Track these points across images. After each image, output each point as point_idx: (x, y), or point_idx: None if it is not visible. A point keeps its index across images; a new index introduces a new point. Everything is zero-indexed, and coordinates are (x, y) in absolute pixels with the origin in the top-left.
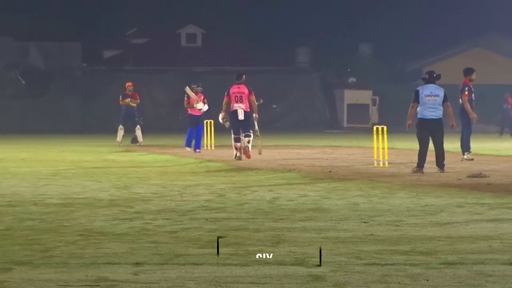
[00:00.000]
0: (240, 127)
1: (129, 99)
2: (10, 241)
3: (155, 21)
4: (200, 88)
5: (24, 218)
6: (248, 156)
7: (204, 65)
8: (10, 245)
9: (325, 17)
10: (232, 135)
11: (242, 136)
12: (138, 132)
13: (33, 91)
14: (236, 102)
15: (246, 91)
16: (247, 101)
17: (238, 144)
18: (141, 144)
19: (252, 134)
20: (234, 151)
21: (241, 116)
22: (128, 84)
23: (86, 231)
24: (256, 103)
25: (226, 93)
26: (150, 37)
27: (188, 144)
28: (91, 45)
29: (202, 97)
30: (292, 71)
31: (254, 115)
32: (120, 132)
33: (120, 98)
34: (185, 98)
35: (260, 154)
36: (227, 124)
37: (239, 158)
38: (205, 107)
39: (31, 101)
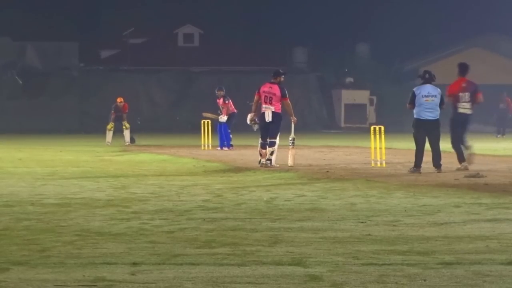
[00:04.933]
0: (267, 132)
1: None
2: (7, 241)
3: (152, 21)
4: (222, 92)
5: (21, 218)
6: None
7: (201, 65)
8: (7, 245)
9: (322, 17)
10: (259, 140)
11: (267, 143)
12: (126, 132)
13: (30, 91)
14: (266, 103)
15: (278, 92)
16: (277, 103)
17: (264, 150)
18: (127, 144)
19: (276, 145)
20: (259, 157)
21: (268, 118)
22: (119, 99)
23: (83, 231)
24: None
25: (257, 91)
26: (147, 37)
27: (227, 144)
28: (88, 45)
29: (221, 101)
30: (290, 71)
31: (292, 118)
32: (109, 132)
33: (112, 112)
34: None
35: (291, 166)
36: (256, 127)
37: (264, 165)
38: (223, 118)
39: (28, 101)
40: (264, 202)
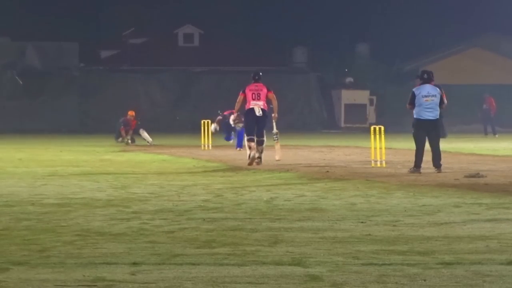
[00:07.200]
0: (255, 127)
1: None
2: (7, 241)
3: (152, 21)
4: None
5: (21, 218)
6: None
7: (202, 65)
8: (7, 245)
9: (322, 17)
10: (245, 136)
11: (255, 140)
12: (144, 134)
13: (30, 91)
14: (254, 99)
15: (264, 89)
16: (265, 99)
17: (252, 144)
18: (151, 143)
19: (265, 142)
20: (248, 151)
21: (259, 112)
22: (131, 113)
23: (83, 231)
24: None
25: (241, 91)
26: (147, 37)
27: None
28: (88, 45)
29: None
30: (289, 71)
31: (273, 114)
32: (143, 133)
33: (121, 127)
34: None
35: (278, 160)
36: (239, 126)
37: (257, 162)
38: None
39: (28, 101)
40: (264, 202)
